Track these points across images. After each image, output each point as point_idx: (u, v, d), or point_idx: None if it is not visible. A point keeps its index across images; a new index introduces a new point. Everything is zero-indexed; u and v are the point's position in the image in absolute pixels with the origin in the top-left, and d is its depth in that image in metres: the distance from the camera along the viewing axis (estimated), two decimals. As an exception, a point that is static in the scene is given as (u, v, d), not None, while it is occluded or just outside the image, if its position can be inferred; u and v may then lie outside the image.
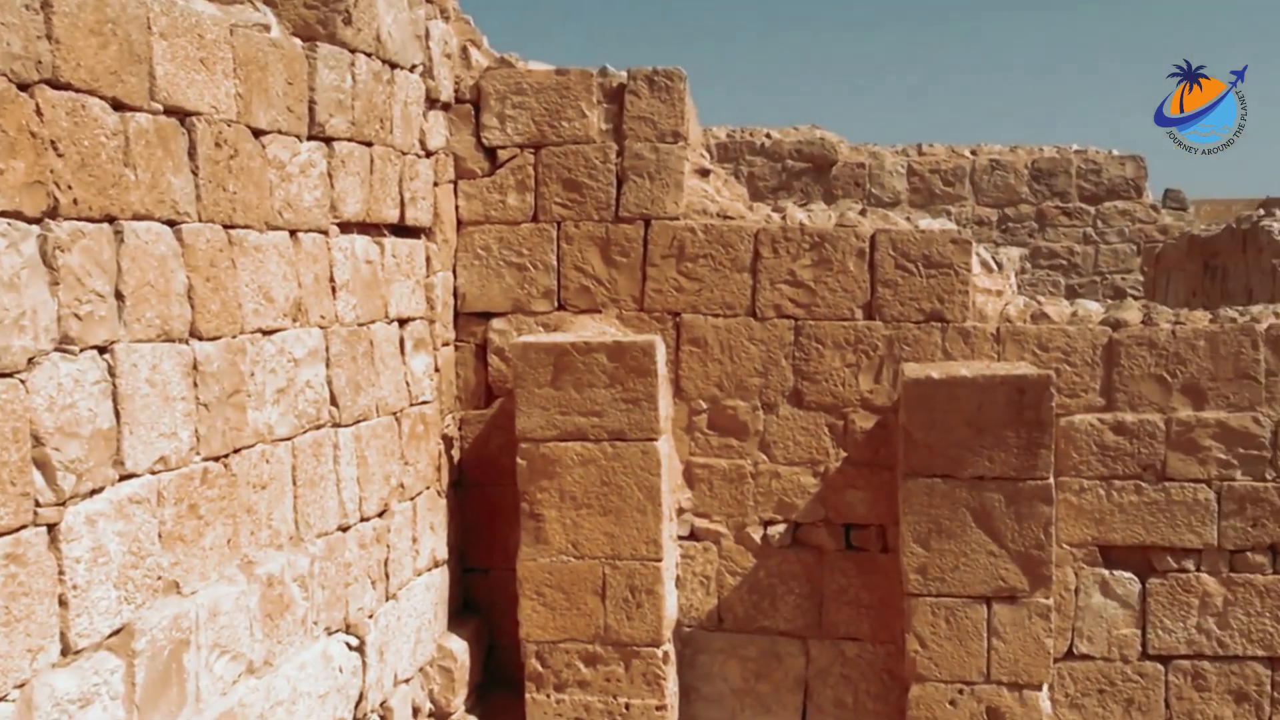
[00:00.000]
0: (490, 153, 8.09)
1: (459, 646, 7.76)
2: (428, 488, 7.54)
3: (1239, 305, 8.23)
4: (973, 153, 17.90)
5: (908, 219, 8.14)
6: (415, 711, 7.36)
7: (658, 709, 7.52)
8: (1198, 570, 7.68)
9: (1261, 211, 13.16)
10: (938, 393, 7.27)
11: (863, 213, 8.18)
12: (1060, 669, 7.71)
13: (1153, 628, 7.72)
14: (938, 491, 7.31)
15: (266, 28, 5.76)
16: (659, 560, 7.51)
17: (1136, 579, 7.72)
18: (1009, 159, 17.81)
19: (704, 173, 8.26)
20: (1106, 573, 7.73)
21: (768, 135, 17.79)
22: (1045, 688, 7.37)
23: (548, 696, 7.59)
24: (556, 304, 8.08)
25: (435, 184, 7.76)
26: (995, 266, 8.28)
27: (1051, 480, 7.25)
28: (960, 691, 7.35)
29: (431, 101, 7.67)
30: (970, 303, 7.81)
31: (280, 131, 5.79)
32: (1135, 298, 15.87)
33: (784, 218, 8.03)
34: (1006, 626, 7.30)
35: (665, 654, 7.57)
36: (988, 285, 7.99)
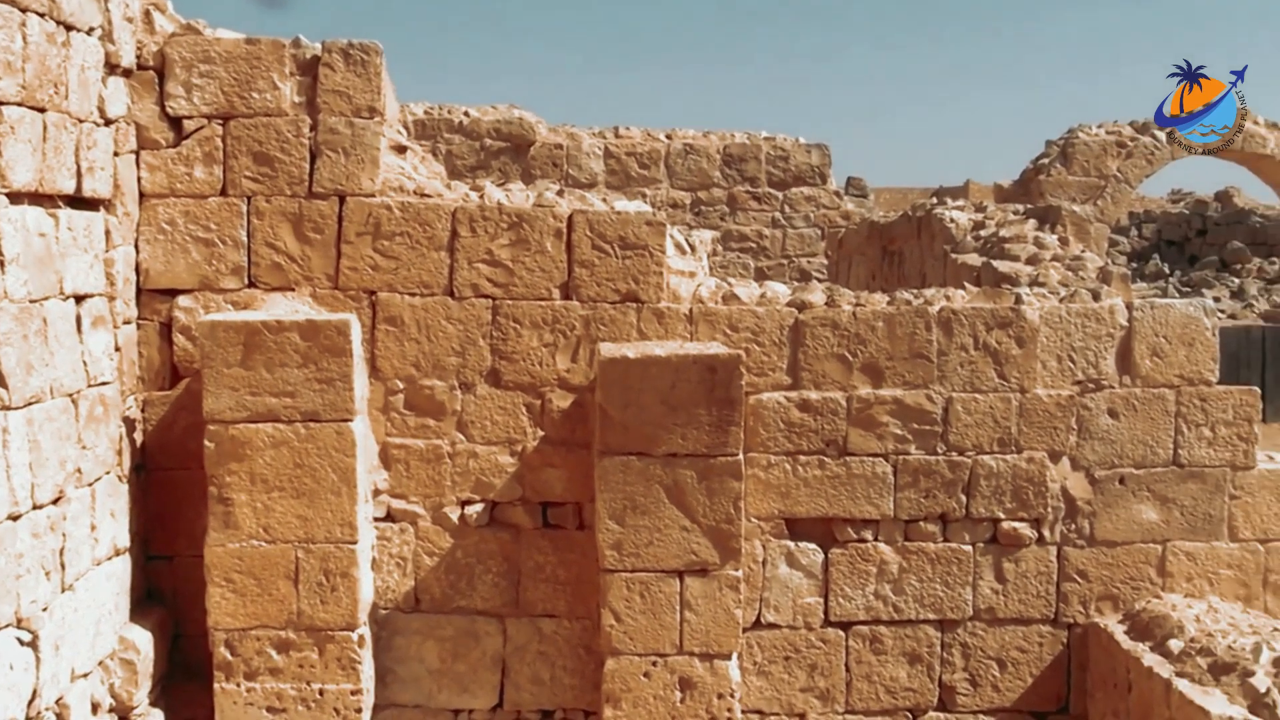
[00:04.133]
0: (176, 123, 7.77)
1: (142, 638, 7.44)
2: (108, 473, 7.19)
3: (914, 289, 8.67)
4: (668, 137, 18.27)
5: (604, 201, 8.25)
6: (95, 707, 7.02)
7: (353, 693, 7.41)
8: (876, 540, 8.07)
9: (935, 200, 13.89)
10: (633, 372, 7.39)
11: (560, 193, 8.24)
12: (749, 638, 7.99)
13: (834, 596, 8.07)
14: (633, 469, 7.44)
15: (-76, -19, 5.36)
16: (354, 543, 7.39)
17: (820, 550, 8.06)
18: (702, 144, 18.25)
19: (401, 149, 8.16)
20: (792, 544, 8.04)
21: (466, 113, 17.71)
22: (735, 657, 7.61)
23: (237, 686, 7.37)
24: (247, 281, 7.83)
25: (116, 154, 7.41)
26: (689, 248, 8.49)
27: (741, 456, 7.48)
28: (654, 663, 7.52)
29: (112, 67, 7.30)
30: (665, 284, 7.97)
31: (-59, 93, 5.41)
32: (820, 280, 16.54)
33: (482, 197, 8.01)
34: (698, 599, 7.51)
35: (361, 637, 7.46)
36: (681, 267, 8.18)
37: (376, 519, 7.88)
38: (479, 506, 7.94)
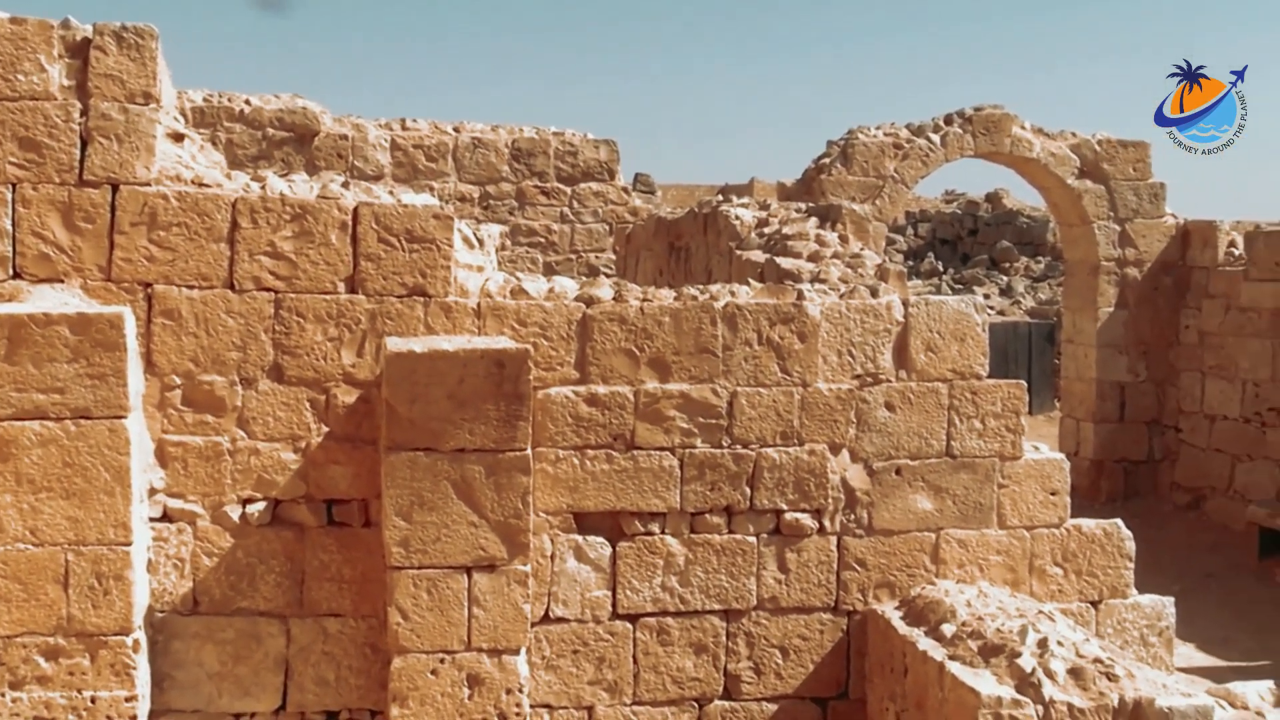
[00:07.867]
0: (-67, 105, 7.38)
1: (-103, 648, 7.05)
2: None
3: (701, 284, 8.80)
4: (455, 130, 18.16)
5: (391, 193, 8.14)
6: None
7: (127, 700, 7.16)
8: (663, 533, 8.16)
9: (721, 197, 14.10)
10: (420, 366, 7.32)
11: (345, 185, 8.10)
12: (537, 633, 7.99)
13: (622, 588, 8.14)
14: (420, 464, 7.37)
15: None
16: (128, 544, 7.13)
17: (608, 543, 8.11)
18: (490, 138, 18.19)
19: (178, 137, 7.91)
20: (580, 538, 8.08)
21: (247, 102, 17.28)
22: (523, 652, 7.61)
23: (2, 696, 7.04)
24: (12, 272, 7.48)
25: None
26: (477, 243, 8.44)
27: (529, 451, 7.47)
28: (442, 661, 7.46)
29: None
30: (452, 278, 7.92)
31: None
32: (608, 276, 16.65)
33: (264, 188, 7.82)
34: (486, 595, 7.47)
35: (135, 642, 7.20)
36: (469, 261, 8.13)
37: (153, 519, 7.62)
38: (261, 505, 7.76)
